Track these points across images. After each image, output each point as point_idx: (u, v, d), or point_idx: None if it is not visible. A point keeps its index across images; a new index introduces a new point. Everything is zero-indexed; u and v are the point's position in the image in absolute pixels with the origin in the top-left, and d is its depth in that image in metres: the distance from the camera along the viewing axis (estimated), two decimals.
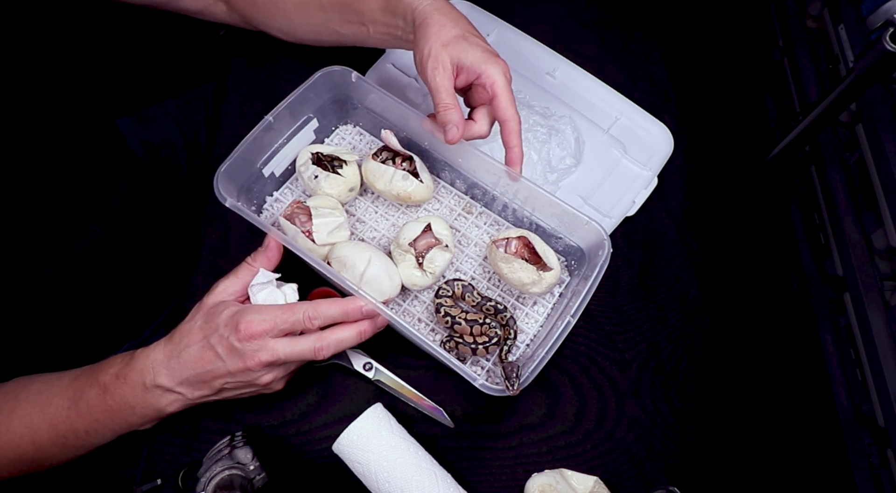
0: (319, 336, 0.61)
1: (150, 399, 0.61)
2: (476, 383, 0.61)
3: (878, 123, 0.74)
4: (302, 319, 0.60)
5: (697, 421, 0.74)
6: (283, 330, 0.60)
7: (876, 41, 0.65)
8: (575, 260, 0.76)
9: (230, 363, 0.59)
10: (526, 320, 0.75)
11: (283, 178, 0.80)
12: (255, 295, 0.64)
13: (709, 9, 1.02)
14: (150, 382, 0.60)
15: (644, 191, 0.83)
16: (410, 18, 0.68)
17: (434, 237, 0.73)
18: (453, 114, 0.65)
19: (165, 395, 0.61)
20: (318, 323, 0.61)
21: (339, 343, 0.62)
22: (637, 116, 0.88)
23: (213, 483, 0.60)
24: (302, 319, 0.60)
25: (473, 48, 0.65)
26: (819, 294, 0.83)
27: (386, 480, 0.63)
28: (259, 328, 0.59)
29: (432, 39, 0.64)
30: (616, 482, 0.70)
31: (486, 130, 0.70)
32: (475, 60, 0.64)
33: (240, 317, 0.59)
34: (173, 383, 0.60)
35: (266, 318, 0.59)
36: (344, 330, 0.62)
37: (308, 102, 0.76)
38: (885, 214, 0.72)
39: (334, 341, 0.61)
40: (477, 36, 0.67)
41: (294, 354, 0.60)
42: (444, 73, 0.64)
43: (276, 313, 0.60)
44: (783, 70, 0.96)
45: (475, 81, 0.67)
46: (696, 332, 0.79)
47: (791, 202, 0.91)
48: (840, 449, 0.74)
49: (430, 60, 0.64)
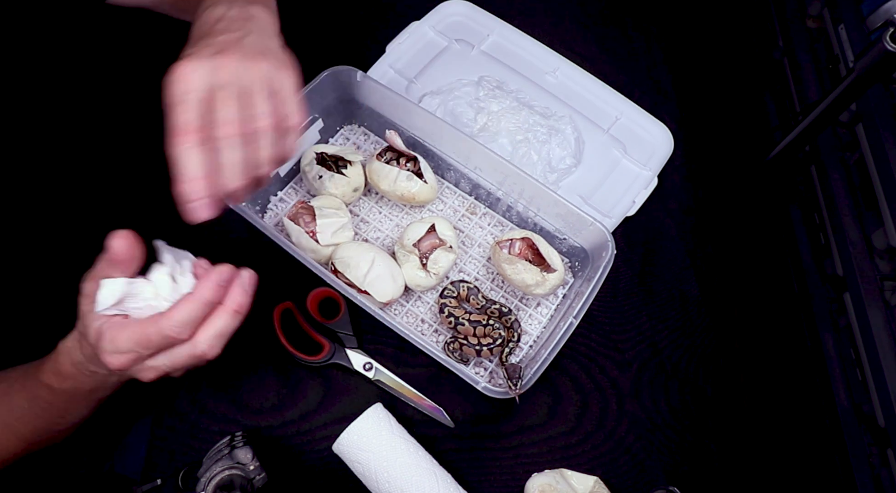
0: (193, 344, 0.51)
1: (89, 376, 0.57)
2: (478, 387, 0.61)
3: (878, 122, 0.74)
4: (161, 339, 0.50)
5: (697, 421, 0.74)
6: (151, 354, 0.51)
7: (876, 41, 0.65)
8: (578, 261, 0.76)
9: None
10: (529, 321, 0.75)
11: (287, 178, 0.80)
12: (125, 308, 0.52)
13: (709, 9, 1.02)
14: (76, 359, 0.56)
15: (644, 191, 0.83)
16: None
17: (438, 238, 0.73)
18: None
19: (93, 372, 0.57)
20: (181, 332, 0.50)
21: (219, 337, 0.52)
22: (637, 116, 0.88)
23: (213, 483, 0.60)
24: (161, 339, 0.50)
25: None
26: (819, 294, 0.83)
27: (386, 480, 0.63)
28: (125, 361, 0.50)
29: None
30: (616, 482, 0.70)
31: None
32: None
33: (100, 350, 0.51)
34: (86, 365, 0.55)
35: (127, 348, 0.50)
36: (217, 319, 0.52)
37: (313, 102, 0.76)
38: (885, 214, 0.72)
39: (212, 336, 0.52)
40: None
41: (180, 363, 0.52)
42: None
43: (135, 343, 0.50)
44: (783, 70, 0.96)
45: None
46: (696, 332, 0.79)
47: (791, 202, 0.91)
48: (840, 449, 0.74)
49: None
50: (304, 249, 0.71)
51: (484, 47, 0.92)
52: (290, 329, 0.73)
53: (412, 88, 0.88)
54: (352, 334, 0.72)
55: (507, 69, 0.90)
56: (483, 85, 0.86)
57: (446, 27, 0.93)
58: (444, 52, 0.91)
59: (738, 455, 0.73)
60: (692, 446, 0.73)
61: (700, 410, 0.75)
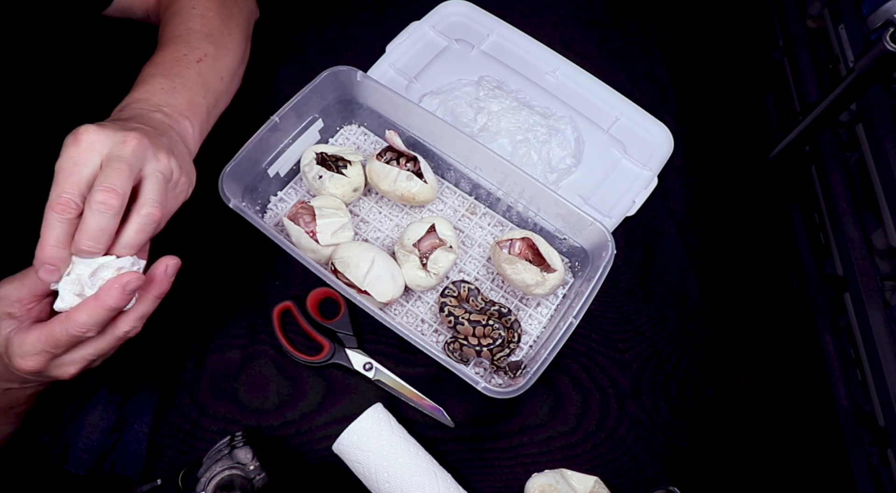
0: (115, 327, 0.52)
1: (1, 394, 0.57)
2: (478, 387, 0.61)
3: (878, 123, 0.74)
4: (69, 338, 0.49)
5: (697, 421, 0.74)
6: (63, 352, 0.51)
7: (876, 41, 0.65)
8: (578, 261, 0.76)
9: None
10: (529, 321, 0.75)
11: (287, 178, 0.80)
12: (62, 296, 0.51)
13: (709, 9, 1.02)
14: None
15: (644, 191, 0.83)
16: None
17: (438, 238, 0.73)
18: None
19: (6, 389, 0.56)
20: (88, 332, 0.50)
21: (141, 319, 0.53)
22: (637, 116, 0.88)
23: (213, 483, 0.60)
24: (69, 338, 0.49)
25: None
26: (819, 294, 0.83)
27: (386, 480, 0.63)
28: (36, 363, 0.50)
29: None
30: (616, 482, 0.70)
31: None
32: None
33: (11, 356, 0.51)
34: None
35: (38, 350, 0.50)
36: (140, 305, 0.52)
37: (314, 102, 0.76)
38: (885, 214, 0.72)
39: (134, 319, 0.52)
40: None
41: (105, 349, 0.53)
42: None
43: (44, 344, 0.50)
44: (783, 70, 0.96)
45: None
46: (696, 332, 0.79)
47: (791, 202, 0.91)
48: (840, 449, 0.74)
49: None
50: (304, 249, 0.71)
51: (484, 47, 0.92)
52: (290, 329, 0.73)
53: (412, 88, 0.88)
54: (352, 334, 0.72)
55: (507, 69, 0.90)
56: (483, 85, 0.86)
57: (446, 27, 0.93)
58: (444, 52, 0.91)
59: (738, 455, 0.73)
60: (692, 446, 0.73)
61: (700, 410, 0.75)
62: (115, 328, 0.52)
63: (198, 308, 0.74)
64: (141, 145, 0.51)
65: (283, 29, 0.92)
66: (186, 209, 0.59)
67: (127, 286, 0.49)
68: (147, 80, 0.61)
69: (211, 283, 0.76)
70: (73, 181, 0.48)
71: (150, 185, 0.52)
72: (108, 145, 0.49)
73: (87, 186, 0.49)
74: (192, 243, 0.78)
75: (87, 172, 0.49)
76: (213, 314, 0.74)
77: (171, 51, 0.65)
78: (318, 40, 0.93)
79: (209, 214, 0.75)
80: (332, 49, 0.84)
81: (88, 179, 0.49)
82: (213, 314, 0.74)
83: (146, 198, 0.51)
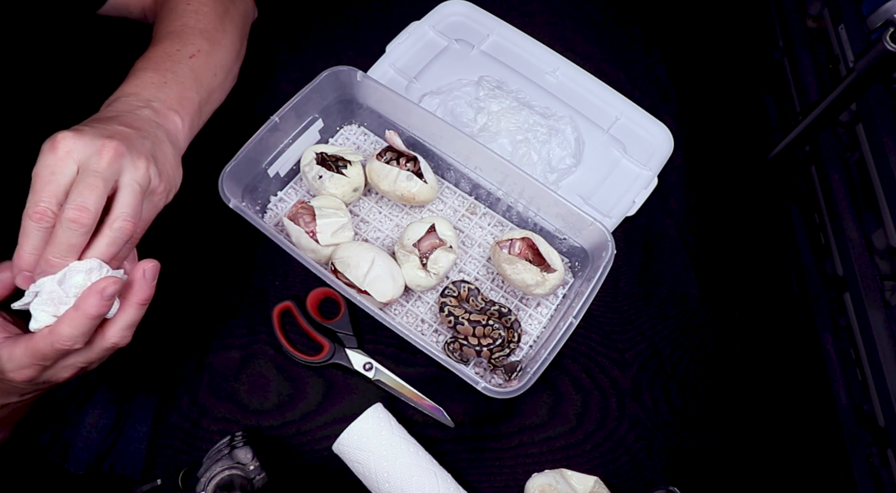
0: (104, 338, 0.51)
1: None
2: (478, 387, 0.61)
3: (878, 123, 0.74)
4: (56, 352, 0.49)
5: (697, 421, 0.74)
6: (53, 363, 0.51)
7: (876, 41, 0.66)
8: (578, 261, 0.76)
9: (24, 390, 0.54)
10: (529, 321, 0.75)
11: (287, 178, 0.80)
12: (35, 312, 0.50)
13: (709, 8, 1.02)
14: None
15: (644, 191, 0.83)
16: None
17: (438, 238, 0.73)
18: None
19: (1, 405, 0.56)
20: (74, 344, 0.49)
21: (128, 328, 0.52)
22: (637, 116, 0.88)
23: (213, 483, 0.60)
24: (56, 352, 0.49)
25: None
26: (819, 294, 0.83)
27: (386, 480, 0.63)
28: (30, 374, 0.50)
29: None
30: (616, 482, 0.70)
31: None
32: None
33: (3, 369, 0.50)
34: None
35: (28, 363, 0.49)
36: (124, 313, 0.51)
37: (314, 102, 0.76)
38: (885, 214, 0.72)
39: (121, 329, 0.51)
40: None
41: (94, 358, 0.52)
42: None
43: (31, 357, 0.49)
44: (783, 70, 0.96)
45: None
46: (696, 332, 0.79)
47: (791, 202, 0.91)
48: (840, 449, 0.74)
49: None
50: (304, 249, 0.71)
51: (484, 47, 0.92)
52: (290, 329, 0.73)
53: (412, 88, 0.88)
54: (352, 334, 0.72)
55: (507, 69, 0.90)
56: (483, 85, 0.86)
57: (446, 27, 0.93)
58: (444, 52, 0.91)
59: (738, 455, 0.73)
60: (692, 446, 0.73)
61: (700, 410, 0.75)
62: (103, 339, 0.51)
63: (198, 308, 0.74)
64: (117, 154, 0.50)
65: (282, 29, 0.92)
66: (186, 209, 0.59)
67: (105, 292, 0.48)
68: (138, 74, 0.61)
69: (211, 283, 0.76)
70: (49, 191, 0.48)
71: (125, 197, 0.51)
72: (86, 153, 0.49)
73: (63, 195, 0.48)
74: (192, 244, 0.79)
75: (63, 181, 0.48)
76: (213, 314, 0.74)
77: (165, 46, 0.65)
78: (317, 40, 0.93)
79: (209, 214, 0.75)
80: (332, 49, 0.84)
81: (66, 187, 0.48)
82: (213, 314, 0.74)
83: (119, 211, 0.50)
